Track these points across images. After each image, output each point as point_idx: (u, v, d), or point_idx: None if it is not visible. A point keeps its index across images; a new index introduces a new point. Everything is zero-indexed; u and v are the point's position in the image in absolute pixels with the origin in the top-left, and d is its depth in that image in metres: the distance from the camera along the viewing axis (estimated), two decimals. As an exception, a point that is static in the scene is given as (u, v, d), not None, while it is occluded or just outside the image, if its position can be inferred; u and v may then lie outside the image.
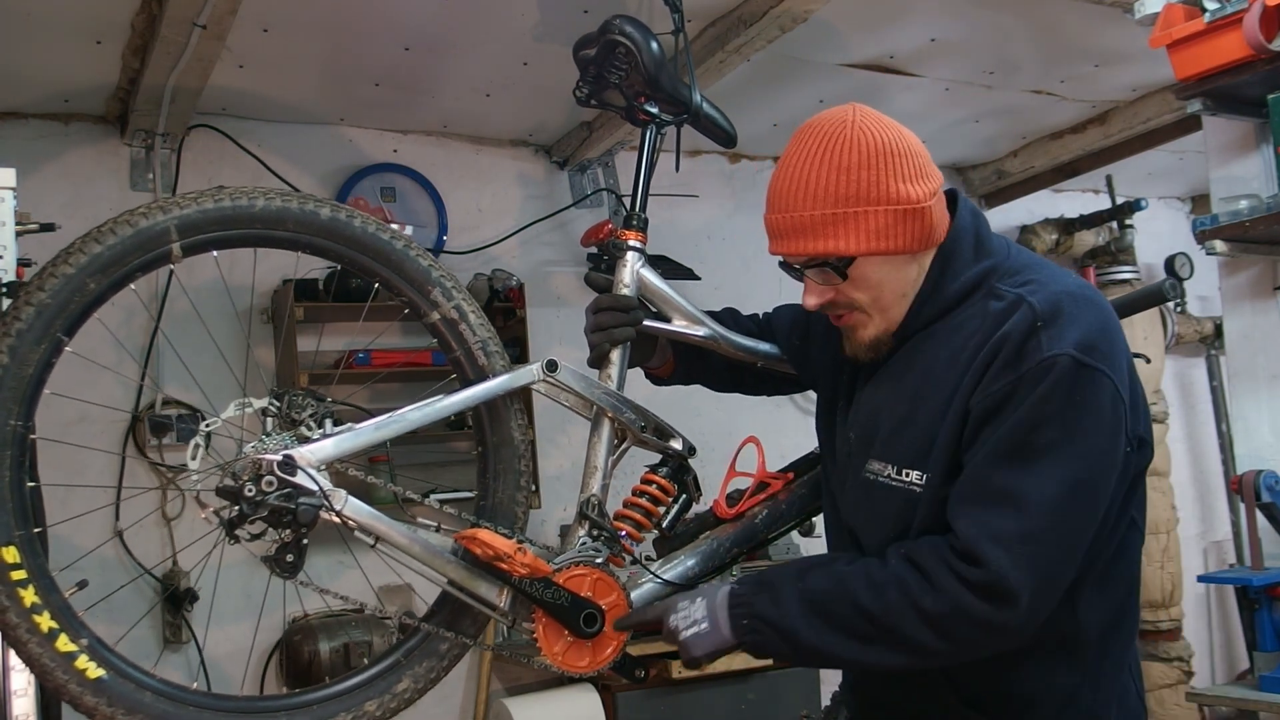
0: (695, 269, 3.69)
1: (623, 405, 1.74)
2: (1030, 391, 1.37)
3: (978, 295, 1.50)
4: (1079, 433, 1.37)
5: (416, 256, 1.66)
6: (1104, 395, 1.38)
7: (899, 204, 1.45)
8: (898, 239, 1.46)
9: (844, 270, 1.48)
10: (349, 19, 2.78)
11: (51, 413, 2.74)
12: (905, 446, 1.49)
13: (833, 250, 1.46)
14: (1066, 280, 1.48)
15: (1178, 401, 5.01)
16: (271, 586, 3.15)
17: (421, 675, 1.64)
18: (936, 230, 1.50)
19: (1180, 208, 5.33)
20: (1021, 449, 1.37)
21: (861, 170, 1.44)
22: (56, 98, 3.10)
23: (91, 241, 1.48)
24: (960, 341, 1.47)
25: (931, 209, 1.48)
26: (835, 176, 1.45)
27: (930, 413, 1.47)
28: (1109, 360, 1.39)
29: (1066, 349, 1.37)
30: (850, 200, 1.44)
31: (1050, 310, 1.40)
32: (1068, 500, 1.37)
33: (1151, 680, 4.35)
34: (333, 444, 1.55)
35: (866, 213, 1.44)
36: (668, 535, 1.77)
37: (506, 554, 1.55)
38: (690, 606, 1.54)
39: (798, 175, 1.47)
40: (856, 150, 1.45)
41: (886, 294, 1.51)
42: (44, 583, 1.45)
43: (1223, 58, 2.45)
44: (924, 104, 3.72)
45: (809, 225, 1.46)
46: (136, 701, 1.47)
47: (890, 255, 1.48)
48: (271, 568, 1.53)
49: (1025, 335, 1.39)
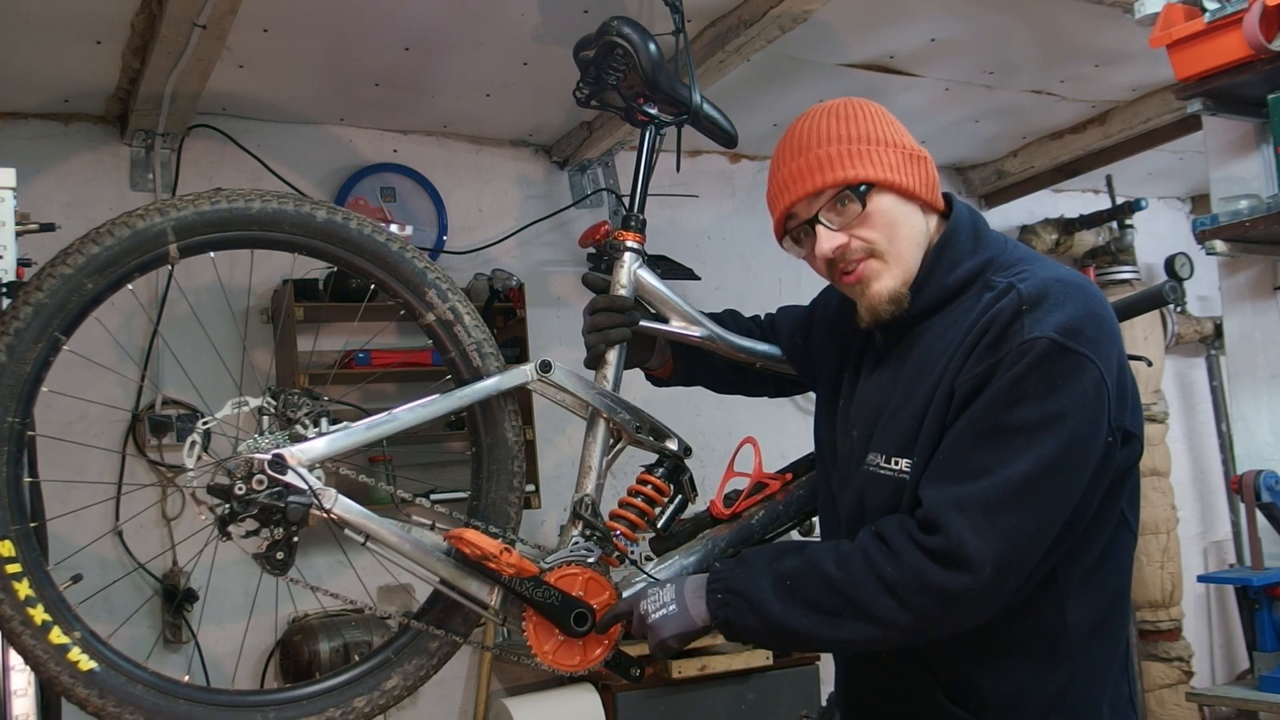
0: (695, 269, 3.69)
1: (618, 405, 1.74)
2: (1007, 371, 1.38)
3: (975, 287, 1.51)
4: (1054, 414, 1.36)
5: (412, 258, 1.67)
6: (1085, 379, 1.37)
7: (903, 148, 1.54)
8: (911, 177, 1.53)
9: (864, 198, 1.51)
10: (349, 19, 2.78)
11: (52, 412, 2.75)
12: (895, 434, 1.50)
13: (855, 176, 1.51)
14: (1059, 270, 1.48)
15: (1178, 401, 5.00)
16: (271, 587, 3.16)
17: (411, 673, 1.65)
18: (938, 190, 1.57)
19: (1180, 208, 5.33)
20: (996, 427, 1.38)
21: (868, 122, 1.55)
22: (56, 98, 3.10)
23: (89, 242, 1.50)
24: (955, 334, 1.48)
25: (930, 163, 1.56)
26: (847, 125, 1.54)
27: (920, 401, 1.48)
28: (1094, 346, 1.39)
29: (1047, 331, 1.37)
30: (865, 140, 1.53)
31: (1036, 295, 1.41)
32: (1037, 478, 1.36)
33: (1151, 680, 4.35)
34: (325, 443, 1.56)
35: (881, 149, 1.52)
36: (663, 535, 1.77)
37: (492, 554, 1.56)
38: (660, 592, 1.57)
39: (811, 127, 1.56)
40: (861, 111, 1.56)
41: (902, 237, 1.53)
42: (39, 576, 1.46)
43: (1223, 58, 2.45)
44: (924, 104, 3.72)
45: (826, 159, 1.52)
46: (128, 694, 1.48)
47: (905, 194, 1.53)
48: (262, 565, 1.54)
49: (1010, 319, 1.40)
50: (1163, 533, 4.41)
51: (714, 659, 3.35)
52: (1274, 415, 2.76)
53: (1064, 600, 1.46)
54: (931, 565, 1.37)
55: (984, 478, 1.37)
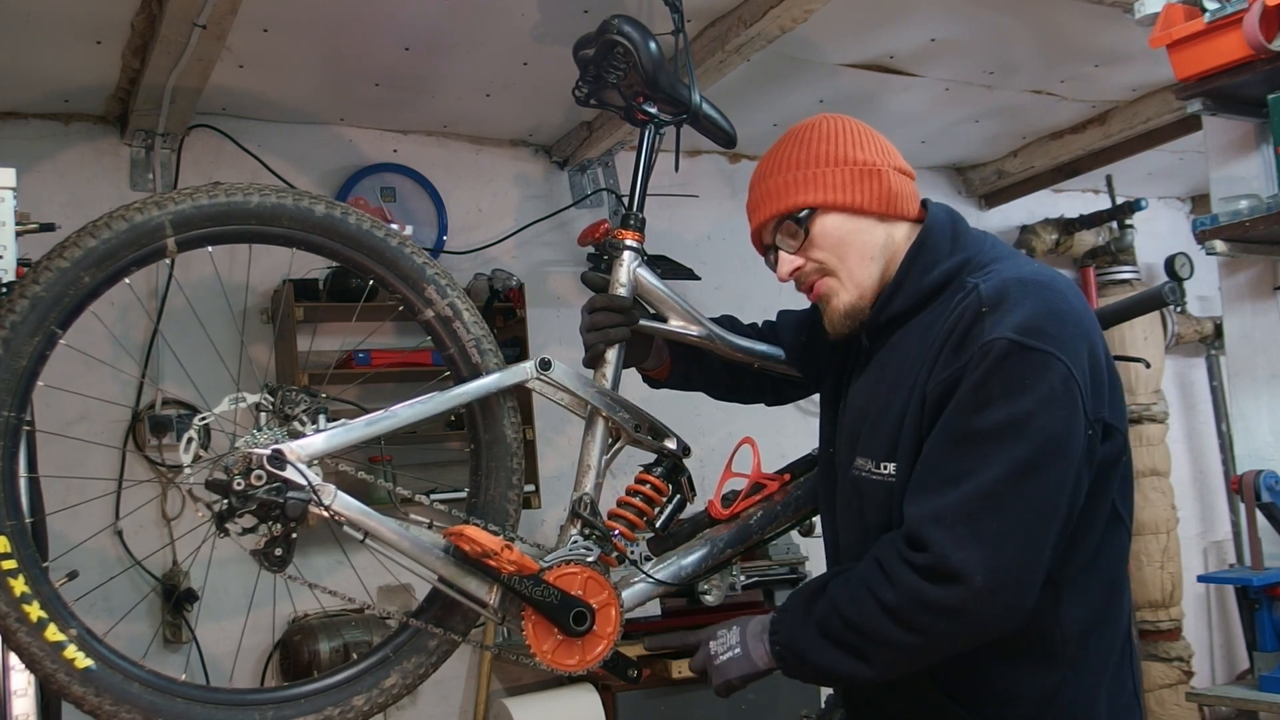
0: (695, 269, 3.69)
1: (616, 404, 1.74)
2: (971, 375, 1.39)
3: (950, 288, 1.52)
4: (1023, 414, 1.36)
5: (411, 254, 1.66)
6: (1052, 376, 1.37)
7: (853, 164, 1.57)
8: (854, 194, 1.56)
9: (806, 224, 1.56)
10: (349, 19, 2.78)
11: (52, 412, 2.75)
12: (880, 439, 1.52)
13: (792, 205, 1.57)
14: (1023, 269, 1.48)
15: (1178, 401, 5.00)
16: (271, 587, 3.16)
17: (410, 671, 1.65)
18: (900, 199, 1.58)
19: (1180, 208, 5.33)
20: (966, 433, 1.39)
21: (820, 144, 1.60)
22: (56, 98, 3.10)
23: (86, 236, 1.49)
24: (930, 336, 1.49)
25: (888, 174, 1.57)
26: (802, 149, 1.60)
27: (900, 405, 1.49)
28: (1057, 342, 1.38)
29: (1005, 332, 1.38)
30: (812, 163, 1.58)
31: (995, 296, 1.42)
32: (1013, 480, 1.36)
33: (1151, 680, 4.34)
34: (323, 439, 1.56)
35: (823, 172, 1.57)
36: (661, 535, 1.77)
37: (493, 551, 1.56)
38: (727, 635, 1.63)
39: (774, 155, 1.64)
40: (818, 132, 1.61)
41: (851, 255, 1.56)
42: (34, 573, 1.46)
43: (1223, 58, 2.44)
44: (924, 104, 3.72)
45: (774, 190, 1.60)
46: (124, 692, 1.47)
47: (849, 212, 1.56)
48: (260, 561, 1.53)
49: (971, 322, 1.42)
50: (1163, 533, 4.40)
51: (714, 659, 3.34)
52: (1274, 415, 2.76)
53: (1058, 597, 1.46)
54: (924, 584, 1.37)
55: (959, 486, 1.37)
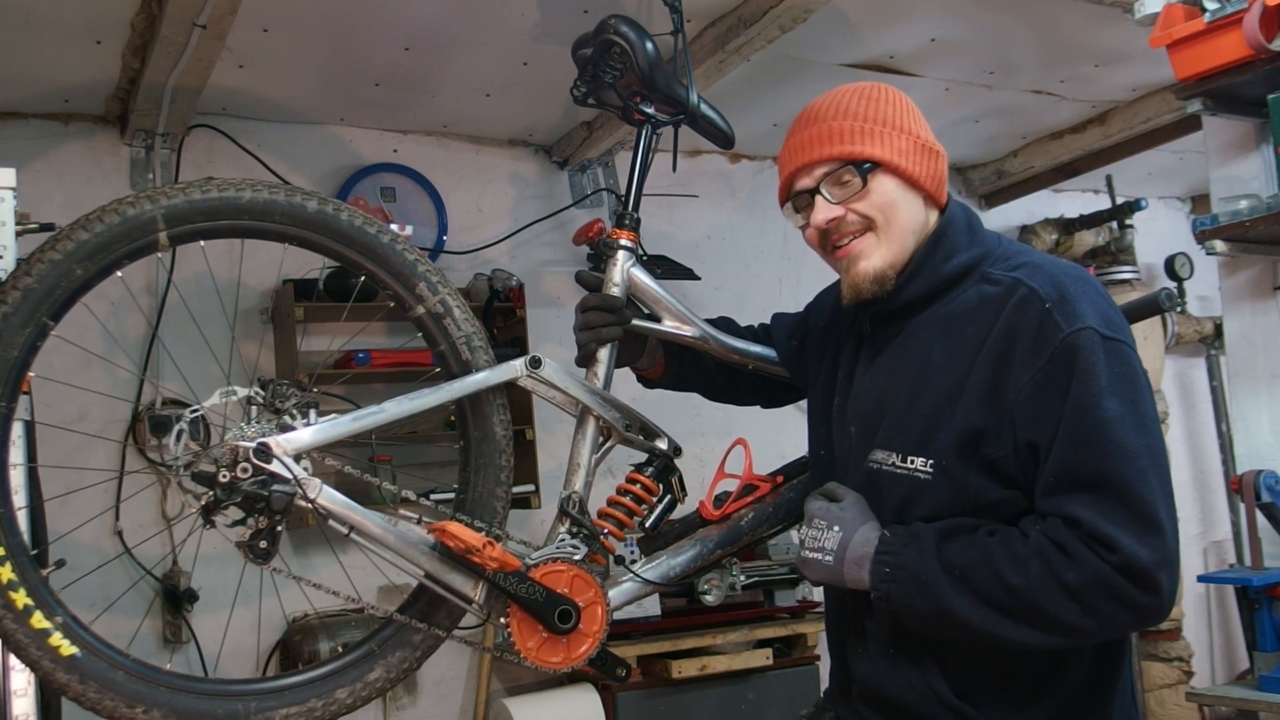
0: (695, 269, 3.68)
1: (608, 403, 1.74)
2: (1068, 370, 1.38)
3: (971, 280, 1.52)
4: (1133, 402, 1.38)
5: (402, 250, 1.67)
6: (1136, 364, 1.41)
7: (918, 137, 1.57)
8: (918, 166, 1.56)
9: (866, 175, 1.53)
10: (349, 19, 2.78)
11: (52, 411, 2.75)
12: (909, 433, 1.49)
13: (860, 154, 1.54)
14: (1053, 263, 1.51)
15: (1178, 401, 4.99)
16: (271, 588, 3.17)
17: (394, 665, 1.65)
18: (944, 187, 1.59)
19: (1180, 208, 5.32)
20: (1093, 432, 1.37)
21: (888, 106, 1.58)
22: (56, 98, 3.11)
23: (79, 229, 1.51)
24: (958, 327, 1.48)
25: (944, 159, 1.58)
26: (867, 104, 1.58)
27: (934, 399, 1.47)
28: (1127, 333, 1.43)
29: (1088, 323, 1.39)
30: (880, 121, 1.56)
31: (1053, 292, 1.43)
32: (1156, 464, 1.38)
33: (1151, 680, 4.33)
34: (310, 433, 1.56)
35: (894, 133, 1.55)
36: (651, 535, 1.77)
37: (474, 547, 1.56)
38: (825, 534, 1.53)
39: (831, 100, 1.60)
40: (885, 95, 1.60)
41: (898, 220, 1.55)
42: (21, 560, 1.47)
43: (1223, 58, 2.44)
44: (924, 104, 3.64)
45: (839, 131, 1.55)
46: (109, 680, 1.48)
47: (908, 181, 1.55)
48: (245, 554, 1.54)
49: (1039, 319, 1.41)
50: (1164, 533, 4.39)
51: (714, 659, 3.35)
52: (1274, 415, 2.75)
53: None
54: (1115, 575, 1.35)
55: (1115, 480, 1.36)
